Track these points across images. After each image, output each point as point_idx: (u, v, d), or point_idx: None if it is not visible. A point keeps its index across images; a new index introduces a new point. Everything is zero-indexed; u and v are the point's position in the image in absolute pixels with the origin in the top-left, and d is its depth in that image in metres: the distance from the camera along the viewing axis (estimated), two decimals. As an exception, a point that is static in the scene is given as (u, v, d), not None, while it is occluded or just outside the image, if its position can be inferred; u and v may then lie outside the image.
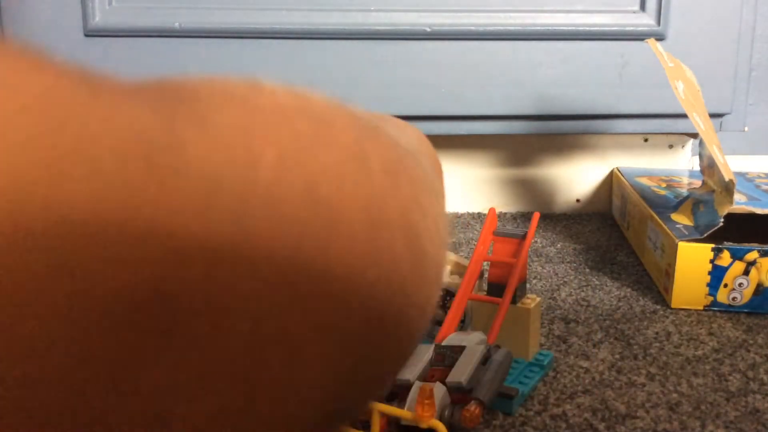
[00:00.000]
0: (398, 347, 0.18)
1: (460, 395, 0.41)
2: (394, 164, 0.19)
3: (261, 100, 0.17)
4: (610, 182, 0.92)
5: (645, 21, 0.83)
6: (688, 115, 0.62)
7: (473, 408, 0.39)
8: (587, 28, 0.82)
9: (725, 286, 0.60)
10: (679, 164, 0.93)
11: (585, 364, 0.51)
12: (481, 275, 0.52)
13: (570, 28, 0.82)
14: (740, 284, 0.60)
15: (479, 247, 0.51)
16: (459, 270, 0.53)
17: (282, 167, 0.15)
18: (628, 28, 0.82)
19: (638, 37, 0.81)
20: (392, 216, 0.17)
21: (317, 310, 0.15)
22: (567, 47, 0.83)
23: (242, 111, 0.16)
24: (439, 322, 0.53)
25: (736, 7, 0.83)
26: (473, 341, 0.44)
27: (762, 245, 0.59)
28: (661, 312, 0.61)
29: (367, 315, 0.16)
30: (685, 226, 0.64)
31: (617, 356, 0.53)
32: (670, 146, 0.93)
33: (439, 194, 0.22)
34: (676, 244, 0.60)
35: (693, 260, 0.60)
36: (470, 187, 0.93)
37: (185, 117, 0.15)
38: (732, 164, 0.67)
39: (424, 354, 0.44)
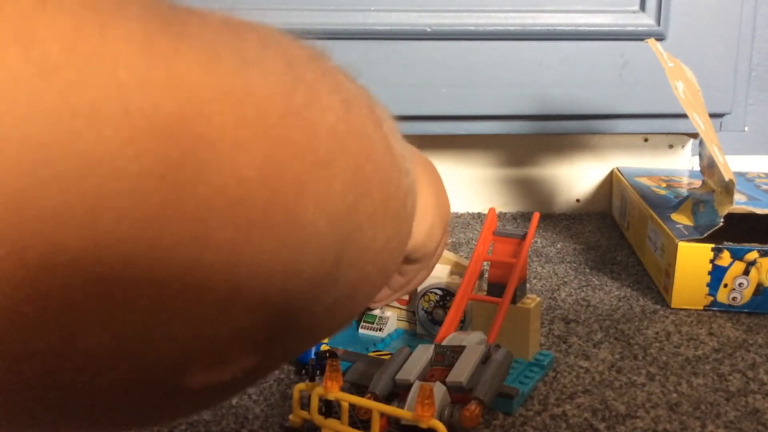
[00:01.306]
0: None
1: (460, 395, 0.41)
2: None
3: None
4: (610, 182, 0.92)
5: (645, 21, 0.83)
6: (688, 115, 0.62)
7: (473, 408, 0.39)
8: (587, 28, 0.82)
9: (725, 286, 0.60)
10: (679, 164, 0.93)
11: (585, 364, 0.51)
12: (481, 275, 0.52)
13: (570, 28, 0.82)
14: (740, 284, 0.60)
15: (479, 247, 0.51)
16: (459, 270, 0.53)
17: None
18: (628, 28, 0.82)
19: (638, 37, 0.81)
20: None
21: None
22: (567, 47, 0.83)
23: None
24: (439, 322, 0.53)
25: (736, 7, 0.83)
26: (473, 341, 0.44)
27: (762, 245, 0.59)
28: (661, 312, 0.61)
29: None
30: (685, 226, 0.64)
31: (617, 356, 0.53)
32: (670, 146, 0.93)
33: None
34: (676, 244, 0.60)
35: (693, 260, 0.60)
36: (470, 187, 0.93)
37: None
38: (732, 164, 0.67)
39: (425, 354, 0.44)
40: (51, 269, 0.13)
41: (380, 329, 0.54)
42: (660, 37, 0.82)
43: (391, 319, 0.55)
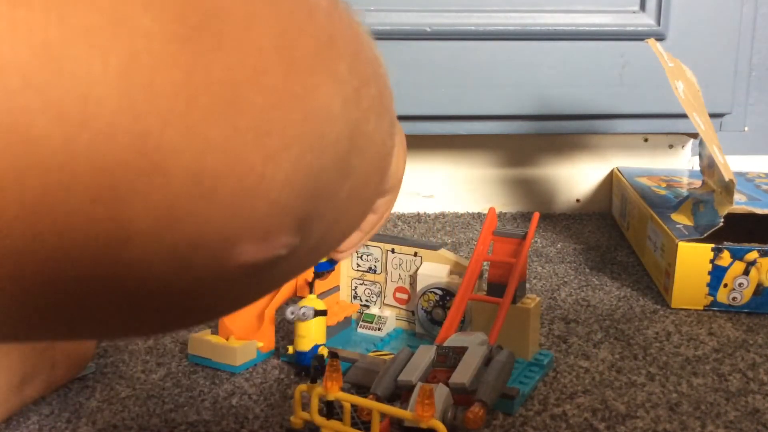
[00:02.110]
0: None
1: (463, 396, 0.41)
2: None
3: None
4: (610, 182, 0.92)
5: (645, 21, 0.83)
6: (688, 115, 0.62)
7: (477, 409, 0.39)
8: (587, 28, 0.82)
9: (725, 286, 0.60)
10: (679, 164, 0.93)
11: (585, 364, 0.51)
12: (481, 275, 0.52)
13: (570, 28, 0.82)
14: (740, 284, 0.60)
15: (479, 247, 0.51)
16: (459, 270, 0.53)
17: None
18: (628, 28, 0.82)
19: (638, 37, 0.81)
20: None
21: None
22: (567, 47, 0.83)
23: None
24: (438, 322, 0.53)
25: (736, 7, 0.83)
26: (475, 342, 0.44)
27: (762, 245, 0.59)
28: (661, 312, 0.61)
29: None
30: (685, 226, 0.64)
31: (617, 356, 0.53)
32: (670, 146, 0.93)
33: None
34: (676, 244, 0.60)
35: (693, 260, 0.60)
36: (470, 187, 0.93)
37: None
38: (732, 164, 0.67)
39: (426, 355, 0.44)
40: (83, 128, 0.14)
41: (379, 329, 0.54)
42: (660, 37, 0.82)
43: (390, 318, 0.55)
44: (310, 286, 0.51)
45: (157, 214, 0.15)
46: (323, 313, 0.50)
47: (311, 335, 0.49)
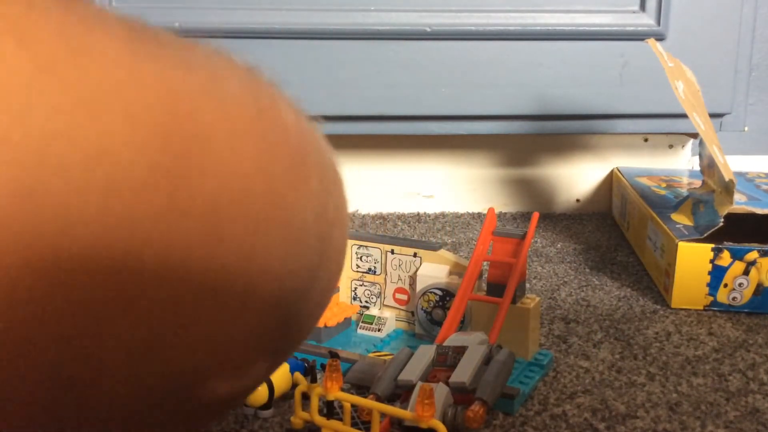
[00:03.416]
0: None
1: (463, 395, 0.41)
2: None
3: None
4: (610, 182, 0.92)
5: (645, 21, 0.83)
6: (688, 115, 0.62)
7: (477, 408, 0.39)
8: (587, 28, 0.82)
9: (725, 286, 0.60)
10: (679, 164, 0.93)
11: (585, 364, 0.51)
12: (481, 275, 0.52)
13: (570, 28, 0.82)
14: (740, 284, 0.60)
15: (479, 247, 0.51)
16: (458, 270, 0.53)
17: None
18: (628, 28, 0.82)
19: (638, 37, 0.81)
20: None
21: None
22: (567, 47, 0.83)
23: None
24: (438, 323, 0.53)
25: (736, 7, 0.83)
26: (475, 341, 0.44)
27: (762, 245, 0.59)
28: (661, 312, 0.61)
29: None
30: (685, 226, 0.64)
31: (617, 356, 0.53)
32: (670, 146, 0.93)
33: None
34: (676, 244, 0.60)
35: (693, 260, 0.60)
36: (470, 187, 0.93)
37: None
38: (732, 164, 0.67)
39: (426, 354, 0.44)
40: (57, 265, 0.13)
41: (379, 330, 0.54)
42: (660, 37, 0.82)
43: (390, 319, 0.55)
44: None
45: (129, 349, 0.14)
46: None
47: None
